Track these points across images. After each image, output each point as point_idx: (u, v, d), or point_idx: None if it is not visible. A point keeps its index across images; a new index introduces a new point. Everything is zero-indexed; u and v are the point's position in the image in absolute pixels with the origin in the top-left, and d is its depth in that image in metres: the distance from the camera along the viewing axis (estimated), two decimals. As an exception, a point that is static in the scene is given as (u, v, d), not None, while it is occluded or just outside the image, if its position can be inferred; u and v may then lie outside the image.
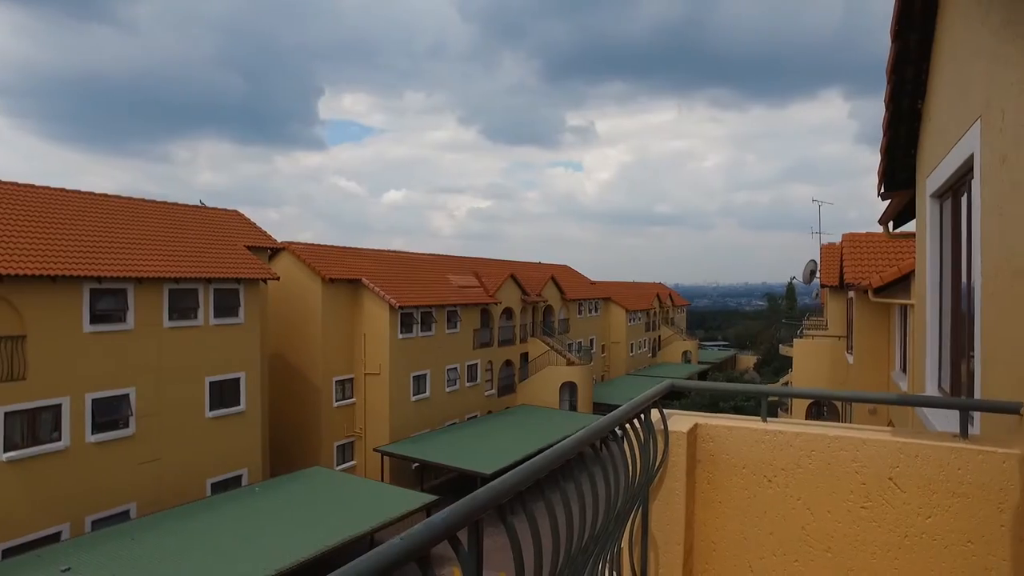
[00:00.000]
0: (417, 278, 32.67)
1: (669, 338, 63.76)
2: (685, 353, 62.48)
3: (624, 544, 2.57)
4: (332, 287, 27.89)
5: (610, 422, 2.09)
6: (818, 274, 22.51)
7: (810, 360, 21.32)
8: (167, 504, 19.10)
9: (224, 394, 21.80)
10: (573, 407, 36.39)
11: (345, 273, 28.65)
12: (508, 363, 37.62)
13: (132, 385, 19.14)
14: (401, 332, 29.52)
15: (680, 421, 2.80)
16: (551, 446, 1.75)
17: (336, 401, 28.22)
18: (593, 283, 51.88)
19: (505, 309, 37.33)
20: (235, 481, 22.00)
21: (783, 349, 28.66)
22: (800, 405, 21.52)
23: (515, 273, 38.18)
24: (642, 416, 2.44)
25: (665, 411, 2.77)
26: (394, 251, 35.78)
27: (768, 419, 2.84)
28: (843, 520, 2.65)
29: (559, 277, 43.77)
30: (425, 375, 31.03)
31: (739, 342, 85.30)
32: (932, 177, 4.85)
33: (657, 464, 2.63)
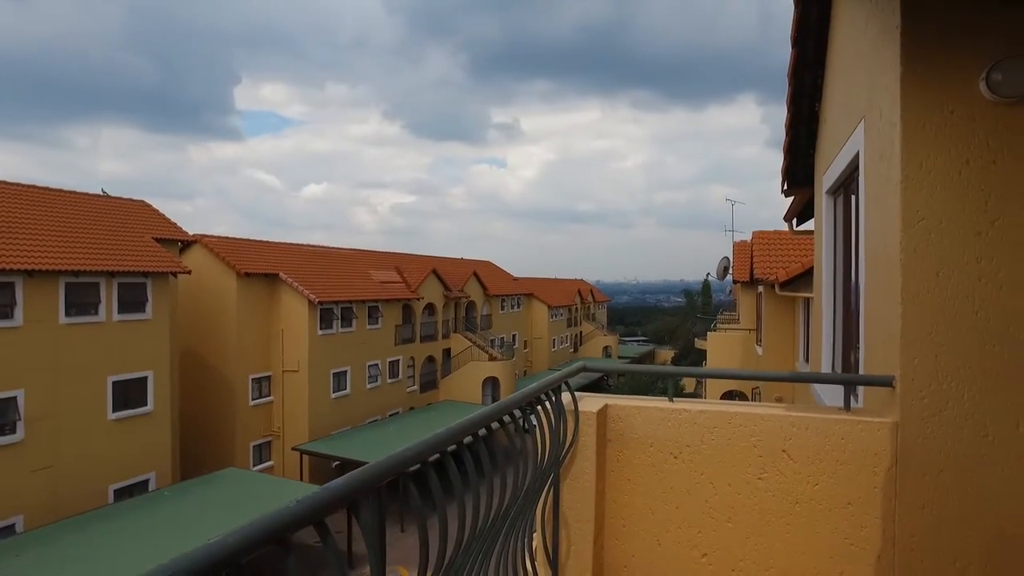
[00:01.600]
0: (337, 273, 31.98)
1: (590, 334, 65.07)
2: (606, 348, 63.91)
3: (537, 521, 2.64)
4: (248, 281, 26.90)
5: (520, 399, 2.14)
6: (731, 270, 23.51)
7: (723, 352, 22.31)
8: (63, 514, 17.87)
9: (129, 394, 20.63)
10: (495, 402, 36.54)
11: (262, 267, 27.69)
12: (430, 359, 37.42)
13: (20, 387, 17.77)
14: (321, 328, 28.83)
15: (590, 402, 2.90)
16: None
17: (252, 400, 27.26)
18: (515, 279, 52.28)
19: (427, 305, 37.09)
20: (142, 486, 20.87)
21: (698, 343, 29.82)
22: (714, 396, 22.48)
23: (437, 269, 37.98)
24: (552, 395, 2.50)
25: (576, 393, 2.86)
26: (313, 245, 34.86)
27: (674, 399, 2.98)
28: (742, 491, 2.82)
29: (482, 273, 43.86)
30: (346, 372, 30.43)
31: (658, 337, 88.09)
32: (827, 175, 5.19)
33: (568, 444, 2.71)
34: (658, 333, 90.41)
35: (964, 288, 2.56)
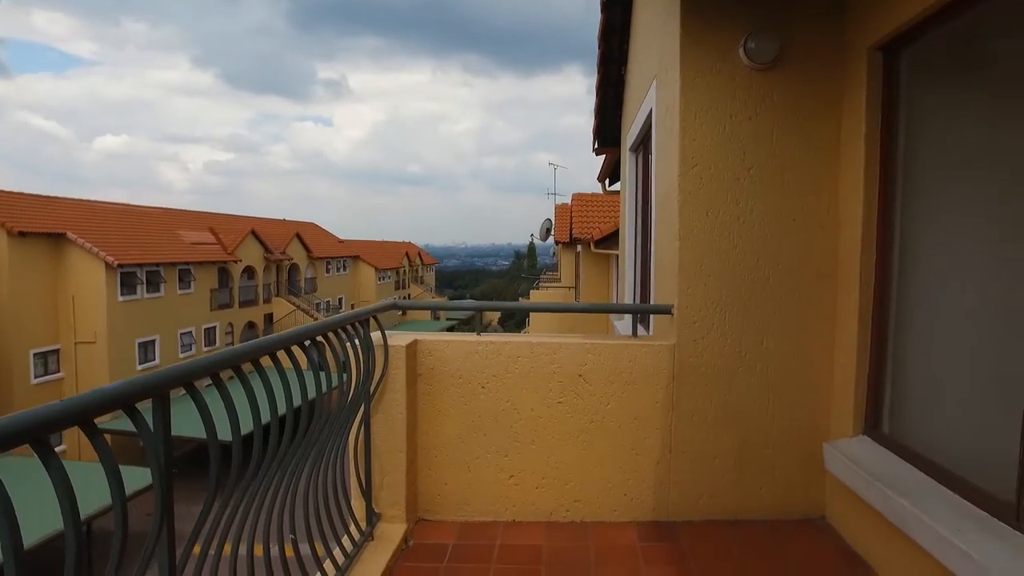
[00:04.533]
0: (141, 233, 28.89)
1: (419, 296, 65.07)
2: (434, 312, 64.37)
3: (349, 454, 2.68)
4: (24, 242, 23.38)
5: (322, 326, 2.15)
6: (553, 231, 24.56)
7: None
8: None
9: None
10: (322, 366, 35.53)
11: (43, 226, 24.19)
12: (251, 325, 35.33)
13: None
14: (122, 294, 25.96)
15: (400, 338, 2.97)
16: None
17: (36, 377, 23.97)
18: (341, 241, 50.65)
19: (246, 268, 34.81)
20: None
21: (522, 302, 30.99)
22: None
23: (257, 229, 35.66)
24: (360, 328, 2.53)
25: (387, 331, 2.90)
26: (111, 203, 31.08)
27: (481, 334, 3.14)
28: (544, 415, 3.06)
29: (305, 235, 41.90)
30: (154, 341, 27.81)
31: (485, 299, 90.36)
32: (630, 133, 5.63)
33: (378, 378, 2.76)
34: (486, 295, 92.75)
35: (726, 226, 2.96)
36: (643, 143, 5.24)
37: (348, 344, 2.42)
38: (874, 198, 2.72)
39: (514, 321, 62.05)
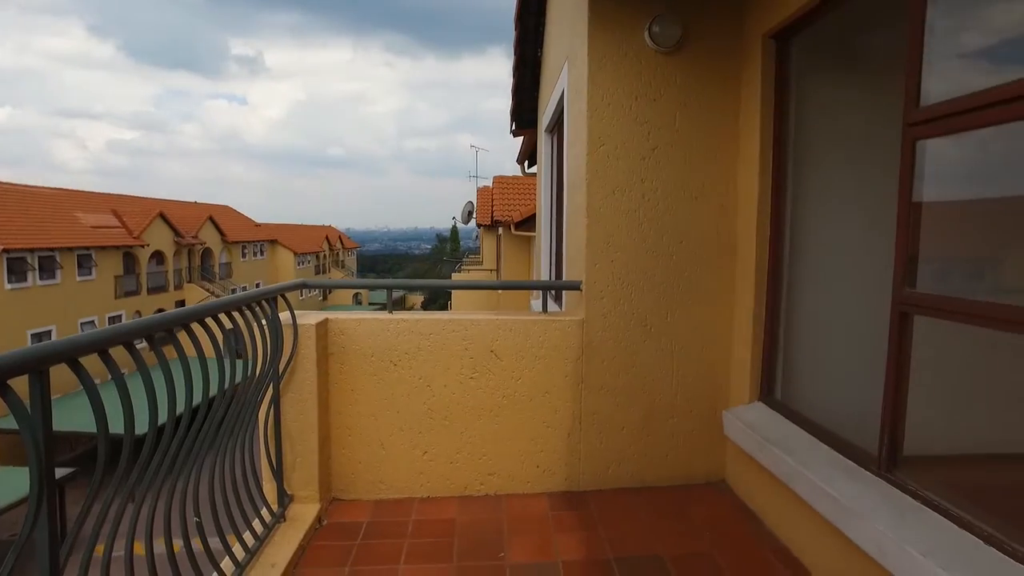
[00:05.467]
0: (31, 216, 26.84)
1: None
2: (356, 295, 63.22)
3: (260, 435, 2.63)
4: None
5: (224, 304, 2.09)
6: (475, 215, 24.50)
7: (467, 292, 23.43)
8: None
9: None
10: (239, 354, 34.26)
11: (-87, 207, 22.13)
12: (161, 312, 33.65)
13: None
14: (10, 281, 24.12)
15: (310, 317, 2.92)
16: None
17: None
18: (258, 225, 48.83)
19: (155, 252, 33.01)
20: None
21: (436, 280, 30.81)
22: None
23: (166, 212, 33.83)
24: (268, 307, 2.48)
25: (297, 311, 2.85)
26: (-5, 182, 28.71)
27: (393, 312, 3.13)
28: (457, 391, 3.09)
29: (219, 218, 40.11)
30: (50, 331, 25.98)
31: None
32: (545, 114, 5.69)
33: (288, 357, 2.71)
34: (409, 279, 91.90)
35: (632, 204, 3.06)
36: (557, 124, 5.31)
37: (255, 323, 2.37)
38: (768, 178, 2.88)
39: (437, 305, 61.74)
